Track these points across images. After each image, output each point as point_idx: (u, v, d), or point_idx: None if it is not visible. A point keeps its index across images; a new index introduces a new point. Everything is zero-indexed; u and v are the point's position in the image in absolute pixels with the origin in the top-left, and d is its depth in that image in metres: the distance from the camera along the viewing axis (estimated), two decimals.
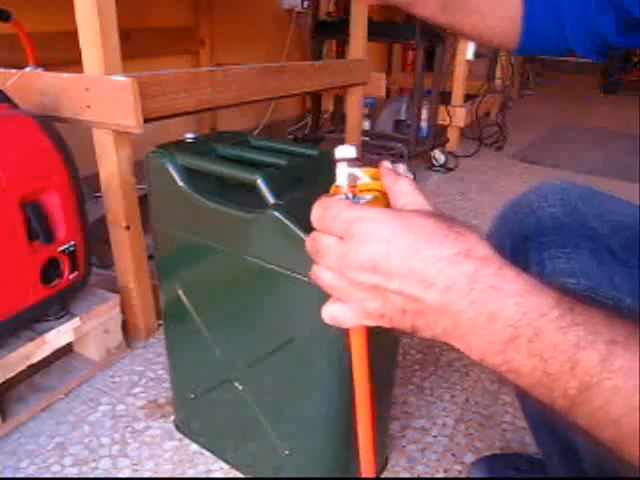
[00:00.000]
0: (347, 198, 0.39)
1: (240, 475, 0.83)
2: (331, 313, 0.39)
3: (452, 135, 2.75)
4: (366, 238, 0.35)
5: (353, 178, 0.39)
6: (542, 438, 0.64)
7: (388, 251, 0.34)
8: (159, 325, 1.16)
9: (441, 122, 2.63)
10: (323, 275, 0.38)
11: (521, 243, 0.55)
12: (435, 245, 0.33)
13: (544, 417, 0.59)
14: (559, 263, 0.49)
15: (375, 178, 0.40)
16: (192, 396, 0.84)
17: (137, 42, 1.76)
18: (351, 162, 0.39)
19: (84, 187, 0.97)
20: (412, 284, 0.34)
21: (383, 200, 0.40)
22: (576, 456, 0.54)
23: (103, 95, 0.95)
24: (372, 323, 0.38)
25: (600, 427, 0.30)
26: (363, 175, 0.40)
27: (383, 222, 0.35)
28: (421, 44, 2.05)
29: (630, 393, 0.28)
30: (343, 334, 0.62)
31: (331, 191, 0.41)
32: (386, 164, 0.41)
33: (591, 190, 0.59)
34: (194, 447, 0.87)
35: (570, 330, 0.30)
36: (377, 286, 0.35)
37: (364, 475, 0.48)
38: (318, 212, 0.38)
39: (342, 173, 0.39)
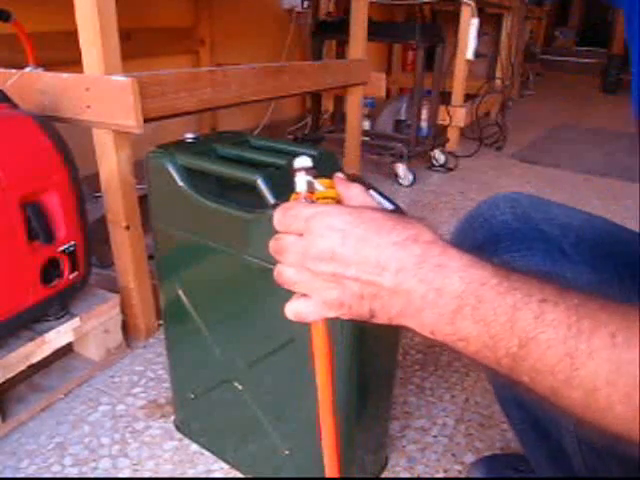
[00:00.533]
0: (306, 201, 0.43)
1: (240, 475, 0.83)
2: (294, 309, 0.42)
3: (452, 135, 2.75)
4: (323, 231, 0.38)
5: (311, 185, 0.43)
6: (528, 441, 0.64)
7: (343, 240, 0.37)
8: (159, 325, 1.16)
9: (441, 122, 2.63)
10: (286, 272, 0.41)
11: (477, 250, 0.56)
12: (385, 233, 0.37)
13: (528, 419, 0.60)
14: (516, 265, 0.51)
15: (329, 187, 0.44)
16: (192, 396, 0.84)
17: (137, 42, 1.76)
18: (309, 172, 0.44)
19: (84, 187, 0.97)
20: (367, 269, 0.37)
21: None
22: (565, 456, 0.54)
23: (103, 95, 0.95)
24: (333, 313, 0.40)
25: (539, 378, 0.33)
26: (319, 185, 0.44)
27: (338, 215, 0.38)
28: (421, 44, 2.05)
29: (561, 342, 0.31)
30: (343, 334, 0.62)
31: (291, 199, 0.44)
32: (339, 174, 0.45)
33: (540, 198, 0.62)
34: (194, 447, 0.87)
35: (507, 294, 0.33)
36: (335, 274, 0.38)
37: (329, 475, 0.49)
38: (279, 214, 0.41)
39: (301, 181, 0.43)
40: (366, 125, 2.37)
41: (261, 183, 0.62)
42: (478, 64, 3.13)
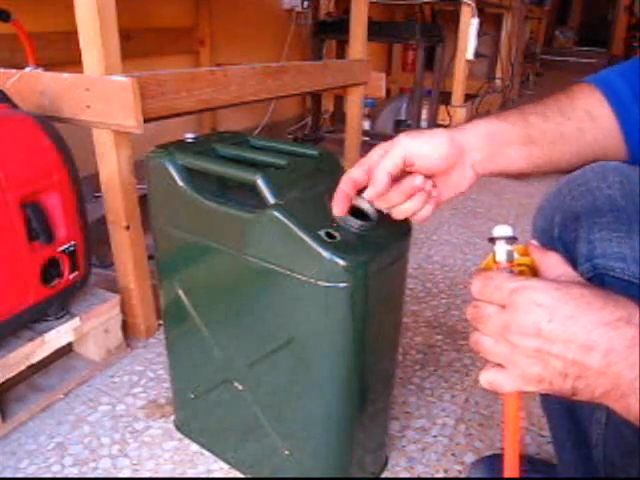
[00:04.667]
0: (507, 272, 0.42)
1: (240, 475, 0.83)
2: (489, 379, 0.41)
3: None
4: (530, 306, 0.38)
5: (510, 255, 0.43)
6: (558, 424, 0.64)
7: (551, 317, 0.37)
8: (159, 325, 1.16)
9: (441, 122, 2.63)
10: (484, 341, 0.41)
11: (572, 220, 0.54)
12: (595, 311, 0.36)
13: (564, 406, 0.59)
14: (610, 246, 0.49)
15: (523, 254, 0.44)
16: (192, 396, 0.84)
17: (137, 42, 1.76)
18: (508, 241, 0.43)
19: (84, 187, 0.97)
20: (573, 348, 0.36)
21: (530, 273, 0.44)
22: (588, 445, 0.54)
23: (103, 95, 0.95)
24: (531, 388, 0.39)
25: None
26: (516, 253, 0.44)
27: (546, 291, 0.38)
28: (421, 44, 2.06)
29: None
30: (343, 334, 0.62)
31: (482, 265, 0.44)
32: (533, 242, 0.45)
33: None
34: (194, 447, 0.87)
35: None
36: (539, 350, 0.37)
37: None
38: (480, 282, 0.41)
39: (501, 250, 0.43)
40: (366, 125, 2.37)
41: (261, 183, 0.62)
42: (478, 64, 3.13)
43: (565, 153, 0.57)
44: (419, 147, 0.55)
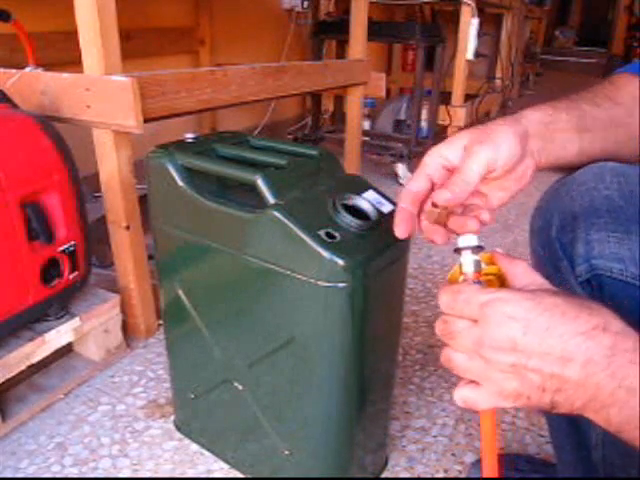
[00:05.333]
0: (475, 283, 0.41)
1: (240, 475, 0.83)
2: (464, 396, 0.40)
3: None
4: (502, 319, 0.36)
5: (478, 265, 0.41)
6: (557, 425, 0.64)
7: (526, 329, 0.35)
8: (159, 325, 1.16)
9: (441, 122, 2.63)
10: (457, 358, 0.39)
11: (570, 221, 0.54)
12: (570, 320, 0.35)
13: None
14: (608, 247, 0.49)
15: (489, 263, 0.43)
16: (192, 396, 0.84)
17: (137, 42, 1.77)
18: (474, 250, 0.41)
19: (84, 187, 0.97)
20: (551, 361, 0.35)
21: (497, 283, 0.43)
22: (587, 446, 0.55)
23: (103, 95, 0.95)
24: (508, 404, 0.38)
25: None
26: (483, 263, 0.42)
27: (518, 302, 0.36)
28: (421, 44, 2.05)
29: None
30: (343, 334, 0.62)
31: (449, 276, 0.43)
32: (498, 250, 0.44)
33: None
34: (194, 447, 0.87)
35: None
36: (515, 365, 0.36)
37: None
38: (448, 296, 0.40)
39: (468, 261, 0.41)
40: (366, 125, 2.37)
41: (261, 183, 0.62)
42: (478, 64, 3.13)
43: (615, 139, 0.56)
44: (496, 153, 0.49)
